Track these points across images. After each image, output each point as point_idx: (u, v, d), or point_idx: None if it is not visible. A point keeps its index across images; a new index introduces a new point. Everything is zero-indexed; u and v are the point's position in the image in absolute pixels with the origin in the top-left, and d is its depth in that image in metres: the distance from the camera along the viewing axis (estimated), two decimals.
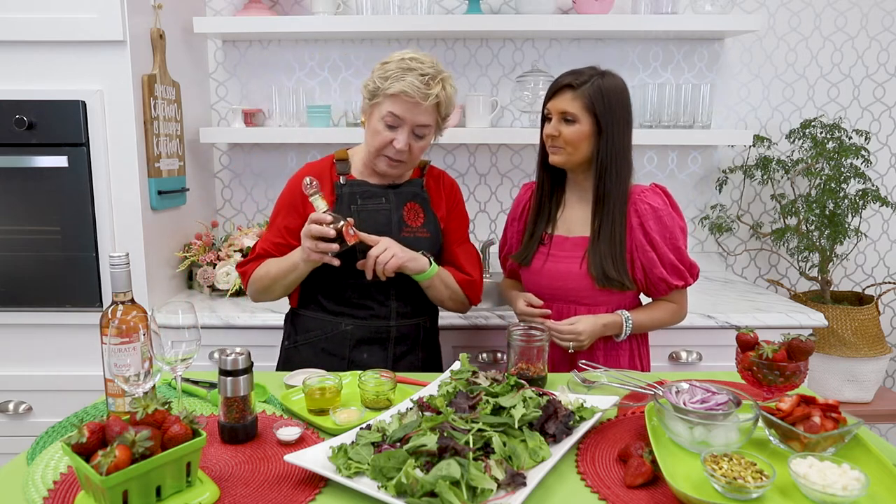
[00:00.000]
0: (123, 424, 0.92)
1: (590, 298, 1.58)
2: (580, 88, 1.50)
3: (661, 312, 1.61)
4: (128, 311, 1.12)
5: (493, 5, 2.56)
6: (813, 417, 1.06)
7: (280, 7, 2.54)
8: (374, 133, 1.51)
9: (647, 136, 2.38)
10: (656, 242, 1.53)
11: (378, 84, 1.47)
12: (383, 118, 1.48)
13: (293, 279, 1.55)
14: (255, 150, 2.64)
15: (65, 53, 1.93)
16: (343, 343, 1.60)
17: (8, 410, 2.08)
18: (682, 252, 1.56)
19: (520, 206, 1.73)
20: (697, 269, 1.59)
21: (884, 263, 2.74)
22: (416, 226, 1.62)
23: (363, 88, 1.54)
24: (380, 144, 1.51)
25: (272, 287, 1.58)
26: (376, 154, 1.53)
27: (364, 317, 1.60)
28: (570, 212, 1.63)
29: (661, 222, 1.53)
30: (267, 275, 1.57)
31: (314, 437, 1.17)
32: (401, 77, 1.44)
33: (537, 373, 1.39)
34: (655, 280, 1.56)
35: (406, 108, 1.46)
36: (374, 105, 1.50)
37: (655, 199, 1.55)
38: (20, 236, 1.97)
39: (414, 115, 1.47)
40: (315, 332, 1.63)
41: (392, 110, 1.46)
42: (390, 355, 1.62)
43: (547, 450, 1.05)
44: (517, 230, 1.72)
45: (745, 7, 2.56)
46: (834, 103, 2.63)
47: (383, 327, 1.61)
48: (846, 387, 2.33)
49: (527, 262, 1.64)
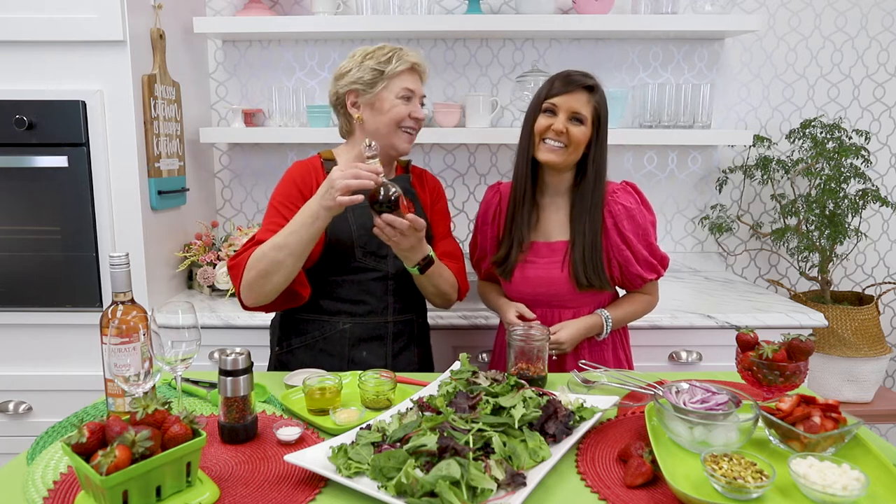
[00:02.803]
0: (123, 424, 0.92)
1: (573, 301, 1.61)
2: (594, 93, 1.52)
3: (636, 305, 1.67)
4: (128, 311, 1.12)
5: (493, 5, 2.56)
6: (813, 417, 1.06)
7: (280, 7, 2.54)
8: (393, 109, 1.54)
9: (647, 136, 2.38)
10: (631, 241, 1.57)
11: (381, 68, 1.53)
12: (398, 95, 1.54)
13: (307, 238, 1.40)
14: (255, 150, 2.64)
15: (65, 53, 1.93)
16: (342, 342, 1.60)
17: (8, 410, 2.08)
18: (654, 247, 1.61)
19: (490, 209, 1.69)
20: (667, 260, 1.65)
21: (884, 263, 2.74)
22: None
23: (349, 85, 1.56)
24: (398, 117, 1.55)
25: (280, 259, 1.41)
26: (397, 130, 1.56)
27: (362, 313, 1.59)
28: (546, 217, 1.63)
29: (634, 221, 1.57)
30: (273, 245, 1.41)
31: (314, 437, 1.17)
32: (405, 54, 1.55)
33: (537, 373, 1.39)
34: (632, 276, 1.60)
35: (415, 80, 1.58)
36: (383, 88, 1.54)
37: (628, 198, 1.58)
38: (20, 236, 1.97)
39: (419, 86, 1.60)
40: (312, 333, 1.61)
41: (407, 85, 1.55)
42: (389, 352, 1.62)
43: (547, 450, 1.05)
44: (490, 235, 1.70)
45: (745, 7, 2.56)
46: (834, 103, 2.63)
47: (381, 323, 1.61)
48: (846, 387, 2.33)
49: (508, 276, 1.63)
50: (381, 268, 1.59)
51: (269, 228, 1.52)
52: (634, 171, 2.66)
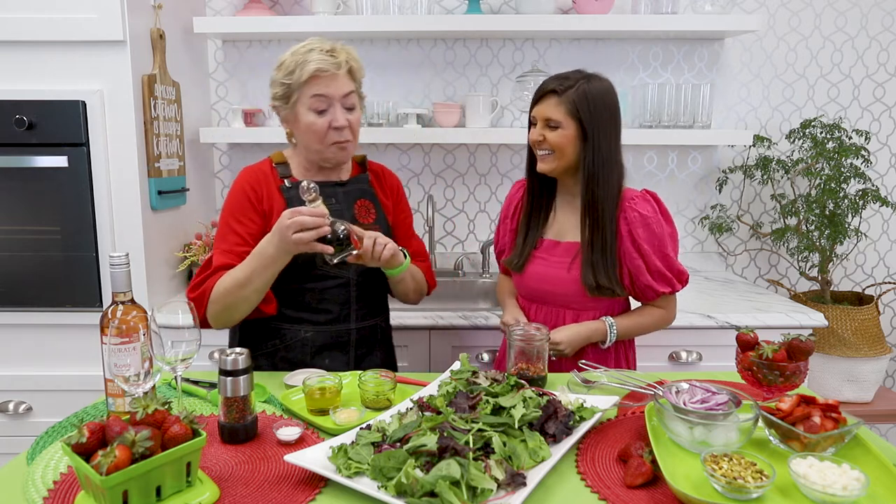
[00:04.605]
0: (123, 424, 0.92)
1: (578, 303, 1.58)
2: (564, 94, 1.48)
3: (646, 318, 1.60)
4: (128, 311, 1.12)
5: (493, 5, 2.56)
6: (813, 417, 1.06)
7: (280, 7, 2.54)
8: (310, 127, 1.47)
9: (647, 136, 2.38)
10: (644, 250, 1.52)
11: (287, 81, 1.45)
12: (310, 107, 1.46)
13: (270, 276, 1.41)
14: (255, 150, 2.64)
15: (65, 53, 1.93)
16: (303, 350, 1.56)
17: (8, 410, 2.08)
18: (671, 259, 1.54)
19: (512, 205, 1.71)
20: (687, 276, 1.58)
21: (884, 263, 2.74)
22: (368, 222, 1.59)
23: (272, 101, 1.51)
24: (321, 132, 1.47)
25: (244, 295, 1.41)
26: (323, 145, 1.49)
27: (324, 321, 1.55)
28: (562, 217, 1.63)
29: (650, 230, 1.52)
30: (235, 283, 1.41)
31: (314, 437, 1.17)
32: (306, 61, 1.43)
33: (537, 373, 1.39)
34: (642, 287, 1.54)
35: (325, 84, 1.44)
36: (295, 103, 1.47)
37: (645, 206, 1.53)
38: (20, 236, 1.97)
39: (336, 88, 1.45)
40: (273, 341, 1.56)
41: (315, 92, 1.44)
42: (351, 359, 1.59)
43: (547, 450, 1.05)
44: (509, 228, 1.71)
45: (745, 7, 2.56)
46: (834, 103, 2.63)
47: (343, 331, 1.57)
48: (846, 387, 2.33)
49: (520, 269, 1.63)
50: (342, 274, 1.55)
51: (226, 250, 1.49)
52: (634, 171, 2.66)
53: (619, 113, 1.54)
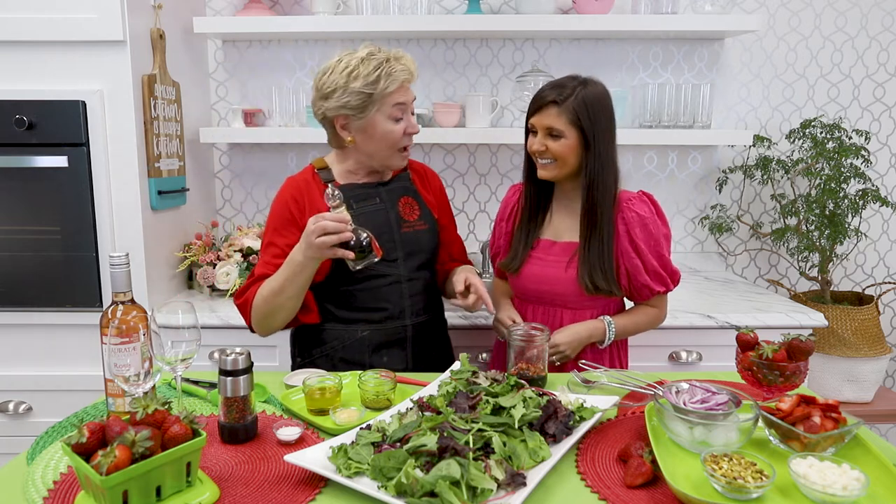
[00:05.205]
0: (123, 424, 0.92)
1: (575, 303, 1.59)
2: (564, 103, 1.48)
3: (642, 317, 1.64)
4: (128, 311, 1.12)
5: (493, 5, 2.56)
6: (813, 417, 1.06)
7: (280, 7, 2.54)
8: (388, 135, 1.50)
9: (647, 136, 2.38)
10: (641, 250, 1.55)
11: (369, 91, 1.44)
12: (390, 115, 1.48)
13: (302, 283, 1.44)
14: (255, 150, 2.64)
15: (65, 53, 1.93)
16: (361, 350, 1.58)
17: (8, 410, 2.08)
18: (666, 259, 1.58)
19: (508, 208, 1.72)
20: (679, 276, 1.62)
21: (884, 263, 2.74)
22: (413, 220, 1.61)
23: (340, 111, 1.47)
24: (398, 139, 1.51)
25: (280, 303, 1.46)
26: (393, 151, 1.53)
27: (379, 319, 1.58)
28: (558, 218, 1.64)
29: (647, 230, 1.55)
30: (271, 291, 1.46)
31: (314, 437, 1.17)
32: (390, 71, 1.45)
33: (537, 373, 1.39)
34: (639, 286, 1.57)
35: (405, 92, 1.50)
36: (374, 112, 1.47)
37: (642, 207, 1.56)
38: (20, 236, 1.97)
39: (411, 93, 1.53)
40: (331, 343, 1.59)
41: (398, 101, 1.48)
42: (409, 355, 1.61)
43: (547, 450, 1.05)
44: (505, 231, 1.72)
45: (745, 7, 2.56)
46: (834, 103, 2.63)
47: (400, 327, 1.59)
48: (846, 387, 2.32)
49: (516, 271, 1.64)
50: (392, 272, 1.57)
51: (266, 261, 1.53)
52: (634, 171, 2.66)
53: (614, 117, 1.56)
